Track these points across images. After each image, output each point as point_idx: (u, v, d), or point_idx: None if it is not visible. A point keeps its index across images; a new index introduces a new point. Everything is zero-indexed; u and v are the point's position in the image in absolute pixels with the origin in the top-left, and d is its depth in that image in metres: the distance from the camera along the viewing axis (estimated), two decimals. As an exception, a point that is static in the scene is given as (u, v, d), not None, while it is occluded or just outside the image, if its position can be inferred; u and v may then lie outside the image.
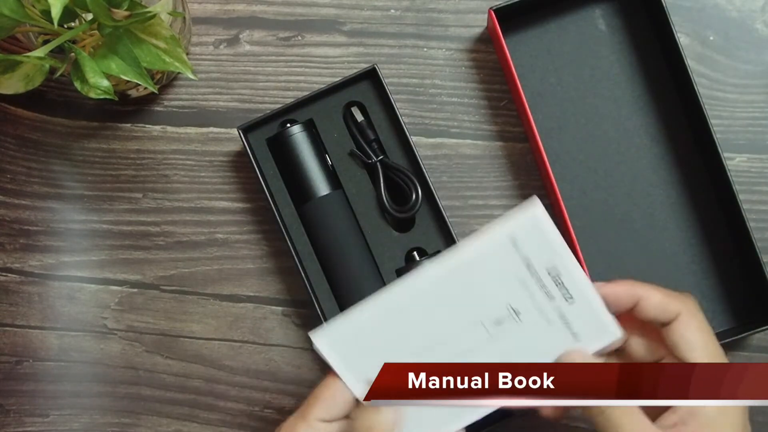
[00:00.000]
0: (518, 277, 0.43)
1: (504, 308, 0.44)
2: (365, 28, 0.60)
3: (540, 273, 0.43)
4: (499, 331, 0.44)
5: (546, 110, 0.58)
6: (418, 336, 0.45)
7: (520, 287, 0.44)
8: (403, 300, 0.45)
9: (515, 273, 0.43)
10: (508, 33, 0.58)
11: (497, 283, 0.44)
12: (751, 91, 0.59)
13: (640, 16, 0.58)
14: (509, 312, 0.44)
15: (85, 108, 0.61)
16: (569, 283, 0.43)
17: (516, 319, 0.44)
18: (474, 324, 0.44)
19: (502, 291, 0.44)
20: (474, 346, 0.45)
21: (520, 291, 0.44)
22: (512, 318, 0.44)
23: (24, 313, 0.61)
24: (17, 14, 0.46)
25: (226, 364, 0.60)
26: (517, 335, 0.44)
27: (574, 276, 0.43)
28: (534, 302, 0.44)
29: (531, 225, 0.43)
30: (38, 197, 0.61)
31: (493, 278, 0.44)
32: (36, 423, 0.61)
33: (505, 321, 0.44)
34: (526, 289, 0.44)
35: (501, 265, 0.43)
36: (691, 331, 0.42)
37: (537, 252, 0.43)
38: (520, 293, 0.44)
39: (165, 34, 0.49)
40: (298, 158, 0.56)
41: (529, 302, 0.44)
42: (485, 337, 0.44)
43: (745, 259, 0.56)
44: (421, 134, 0.60)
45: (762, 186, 0.58)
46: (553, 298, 0.43)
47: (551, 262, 0.43)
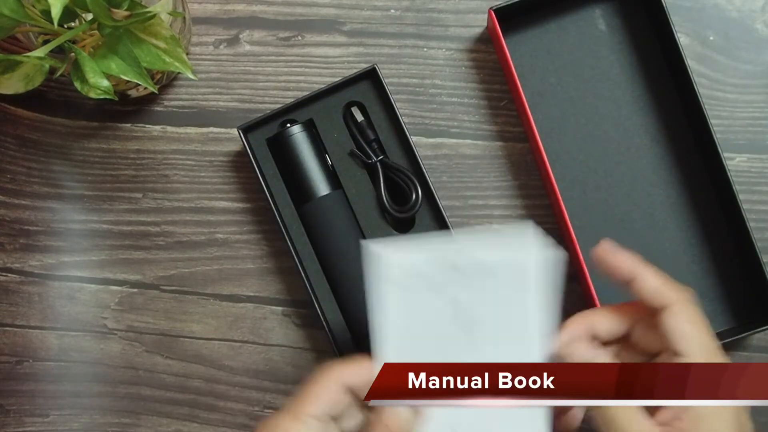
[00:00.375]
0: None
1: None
2: (365, 28, 0.60)
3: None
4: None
5: (546, 110, 0.58)
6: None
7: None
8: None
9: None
10: (508, 33, 0.58)
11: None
12: (751, 91, 0.59)
13: (640, 16, 0.58)
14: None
15: (85, 108, 0.61)
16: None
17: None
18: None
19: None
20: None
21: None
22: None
23: (24, 313, 0.61)
24: (17, 14, 0.46)
25: (226, 364, 0.60)
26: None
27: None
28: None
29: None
30: (38, 197, 0.61)
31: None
32: (36, 423, 0.61)
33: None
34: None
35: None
36: (682, 322, 0.42)
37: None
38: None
39: (165, 34, 0.49)
40: (298, 158, 0.56)
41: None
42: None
43: (745, 259, 0.56)
44: (421, 134, 0.60)
45: (762, 186, 0.58)
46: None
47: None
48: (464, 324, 0.45)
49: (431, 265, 0.45)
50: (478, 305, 0.45)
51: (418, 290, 0.45)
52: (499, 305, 0.45)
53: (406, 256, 0.45)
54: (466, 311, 0.45)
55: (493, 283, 0.45)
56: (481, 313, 0.45)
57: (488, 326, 0.45)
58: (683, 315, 0.42)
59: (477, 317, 0.45)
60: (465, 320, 0.45)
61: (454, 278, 0.45)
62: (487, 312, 0.45)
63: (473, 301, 0.45)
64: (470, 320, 0.45)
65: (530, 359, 0.44)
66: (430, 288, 0.45)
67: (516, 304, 0.45)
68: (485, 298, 0.45)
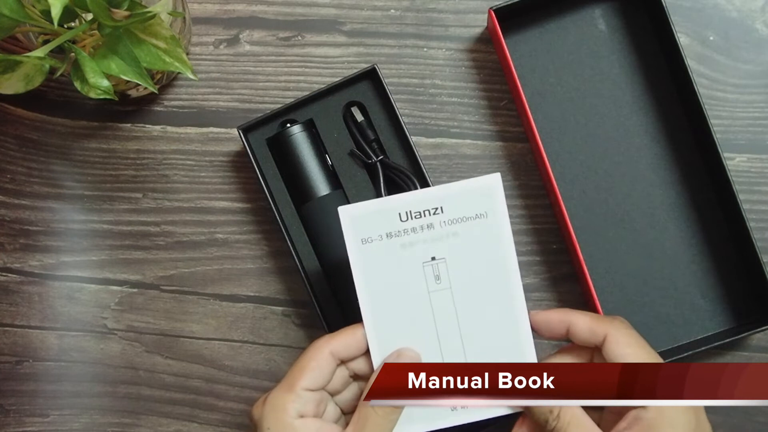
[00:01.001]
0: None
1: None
2: (365, 28, 0.60)
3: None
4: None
5: (546, 110, 0.58)
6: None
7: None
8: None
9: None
10: (508, 33, 0.58)
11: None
12: (751, 91, 0.59)
13: (640, 16, 0.58)
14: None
15: (85, 108, 0.61)
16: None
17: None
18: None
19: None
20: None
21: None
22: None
23: (24, 313, 0.61)
24: (17, 14, 0.46)
25: (226, 364, 0.60)
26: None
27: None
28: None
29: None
30: (38, 197, 0.61)
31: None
32: (36, 423, 0.61)
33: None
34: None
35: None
36: (620, 347, 0.44)
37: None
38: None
39: (165, 34, 0.49)
40: (298, 158, 0.56)
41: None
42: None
43: (745, 259, 0.56)
44: (421, 134, 0.60)
45: (762, 186, 0.58)
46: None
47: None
48: (437, 271, 0.47)
49: (393, 215, 0.47)
50: (447, 252, 0.47)
51: (386, 242, 0.47)
52: (469, 249, 0.46)
53: (368, 206, 0.47)
54: (436, 258, 0.47)
55: (463, 227, 0.46)
56: (452, 258, 0.47)
57: (461, 270, 0.47)
58: (620, 341, 0.44)
59: (449, 263, 0.47)
60: (437, 267, 0.47)
61: (418, 226, 0.47)
62: (457, 257, 0.47)
63: (442, 248, 0.47)
64: (443, 266, 0.47)
65: (506, 297, 0.46)
66: (393, 236, 0.47)
67: (485, 247, 0.46)
68: (453, 243, 0.46)
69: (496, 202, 0.46)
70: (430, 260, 0.47)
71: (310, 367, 0.45)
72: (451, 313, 0.47)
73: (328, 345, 0.45)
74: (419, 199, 0.47)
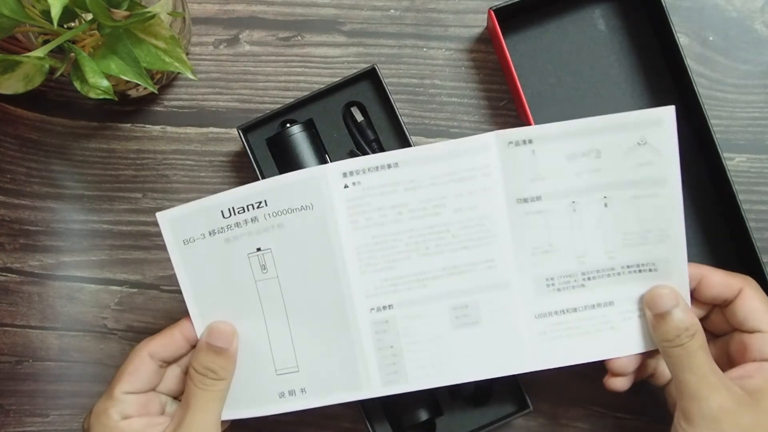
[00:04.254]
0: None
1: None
2: (365, 28, 0.60)
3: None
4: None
5: (546, 110, 0.58)
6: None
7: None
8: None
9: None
10: (508, 33, 0.58)
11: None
12: (751, 91, 0.59)
13: (640, 16, 0.58)
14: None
15: (85, 108, 0.61)
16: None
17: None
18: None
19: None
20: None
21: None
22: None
23: (24, 313, 0.61)
24: (17, 14, 0.46)
25: (226, 364, 0.60)
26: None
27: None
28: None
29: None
30: (38, 197, 0.61)
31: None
32: (36, 423, 0.61)
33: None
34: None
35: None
36: (758, 303, 0.45)
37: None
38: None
39: (165, 34, 0.49)
40: (298, 158, 0.56)
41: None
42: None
43: (745, 259, 0.56)
44: (421, 134, 0.60)
45: (762, 186, 0.58)
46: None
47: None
48: (263, 261, 0.48)
49: (215, 213, 0.48)
50: (272, 243, 0.48)
51: (209, 240, 0.48)
52: (294, 240, 0.47)
53: (187, 207, 0.48)
54: (262, 249, 0.48)
55: (288, 219, 0.47)
56: (278, 248, 0.48)
57: (288, 259, 0.48)
58: (756, 297, 0.46)
59: (275, 253, 0.48)
60: (263, 257, 0.48)
61: (242, 220, 0.47)
62: (283, 247, 0.48)
63: (267, 239, 0.48)
64: (269, 256, 0.48)
65: (334, 286, 0.48)
66: (217, 233, 0.48)
67: (312, 237, 0.47)
68: (279, 234, 0.47)
69: (322, 193, 0.47)
70: (255, 251, 0.47)
71: (128, 371, 0.47)
72: (279, 302, 0.48)
73: (146, 347, 0.47)
74: (241, 195, 0.48)
